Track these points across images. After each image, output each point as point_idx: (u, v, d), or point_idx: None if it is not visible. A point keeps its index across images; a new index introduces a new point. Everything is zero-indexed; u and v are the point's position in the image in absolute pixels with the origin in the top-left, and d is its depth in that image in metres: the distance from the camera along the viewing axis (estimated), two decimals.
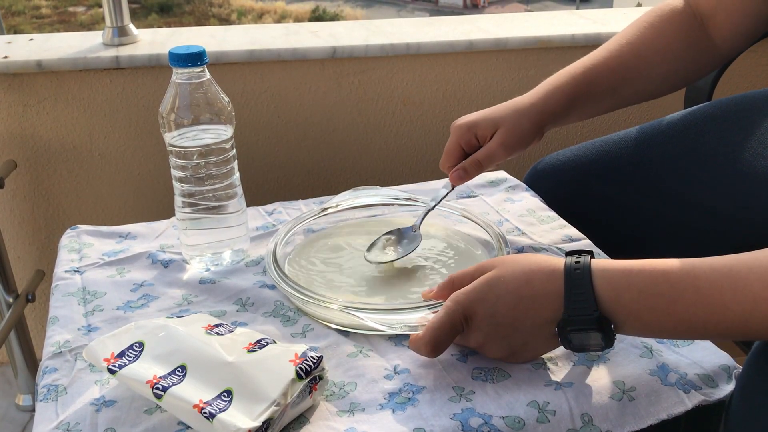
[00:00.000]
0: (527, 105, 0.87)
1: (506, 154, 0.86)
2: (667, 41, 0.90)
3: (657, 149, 0.96)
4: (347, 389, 0.66)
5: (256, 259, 0.88)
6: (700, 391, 0.65)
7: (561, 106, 0.88)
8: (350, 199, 0.95)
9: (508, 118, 0.86)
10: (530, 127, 0.86)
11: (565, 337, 0.62)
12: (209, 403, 0.59)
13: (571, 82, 0.89)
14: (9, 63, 1.25)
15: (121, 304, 0.80)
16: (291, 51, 1.33)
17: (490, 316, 0.64)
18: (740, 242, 0.87)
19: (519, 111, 0.87)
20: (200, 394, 0.60)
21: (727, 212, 0.88)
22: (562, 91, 0.88)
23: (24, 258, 1.41)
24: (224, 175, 0.85)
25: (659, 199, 0.94)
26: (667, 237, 0.94)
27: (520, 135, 0.86)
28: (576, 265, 0.62)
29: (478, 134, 0.87)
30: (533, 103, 0.87)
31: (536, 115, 0.87)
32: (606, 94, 0.91)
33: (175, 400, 0.60)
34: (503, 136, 0.85)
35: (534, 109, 0.87)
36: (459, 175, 0.87)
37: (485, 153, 0.86)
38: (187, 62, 0.80)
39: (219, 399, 0.60)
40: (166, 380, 0.62)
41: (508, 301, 0.63)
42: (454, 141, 0.88)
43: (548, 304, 0.62)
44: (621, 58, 0.90)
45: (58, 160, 1.34)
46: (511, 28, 1.46)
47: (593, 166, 0.99)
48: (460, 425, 0.61)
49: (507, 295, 0.63)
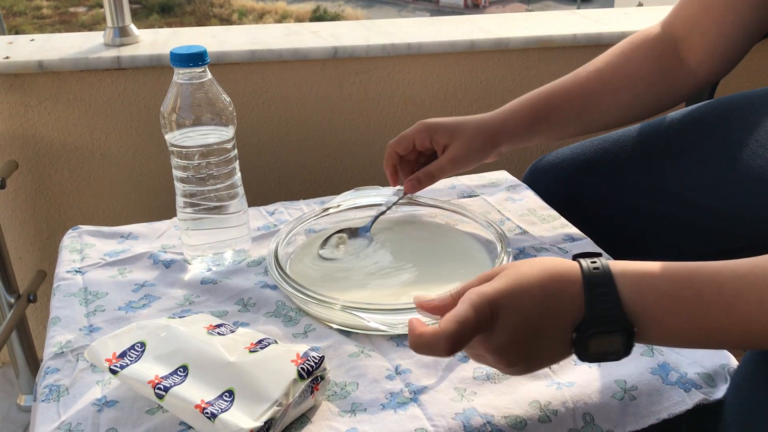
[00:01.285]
0: (485, 123, 0.90)
1: (455, 169, 0.89)
2: (636, 67, 0.90)
3: (657, 147, 0.96)
4: (349, 389, 0.66)
5: (257, 260, 0.88)
6: (701, 390, 0.65)
7: (519, 128, 0.90)
8: (351, 199, 0.95)
9: (465, 133, 0.89)
10: (482, 145, 0.89)
11: (584, 342, 0.57)
12: (211, 403, 0.59)
13: (531, 106, 0.91)
14: (10, 63, 1.25)
15: (122, 305, 0.80)
16: (292, 51, 1.33)
17: (518, 313, 0.58)
18: (739, 241, 0.88)
19: (477, 128, 0.89)
20: (202, 394, 0.60)
21: (725, 211, 0.88)
22: (521, 114, 0.90)
23: (25, 258, 1.41)
24: (226, 175, 0.85)
25: (658, 197, 0.94)
26: (666, 235, 0.94)
27: (471, 151, 0.89)
28: (594, 266, 0.58)
29: (434, 138, 0.89)
30: (491, 123, 0.90)
31: (492, 135, 0.89)
32: (569, 118, 0.92)
33: (177, 401, 0.60)
34: (454, 151, 0.88)
35: (491, 128, 0.89)
36: (413, 185, 0.89)
37: (436, 166, 0.89)
38: (189, 62, 0.80)
39: (221, 399, 0.60)
40: (167, 380, 0.62)
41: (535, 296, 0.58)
42: (411, 133, 0.89)
43: (570, 306, 0.57)
44: (586, 84, 0.91)
45: (60, 161, 1.34)
46: (512, 28, 1.46)
47: (593, 164, 0.99)
48: (462, 425, 0.61)
49: (534, 290, 0.58)
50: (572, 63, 1.44)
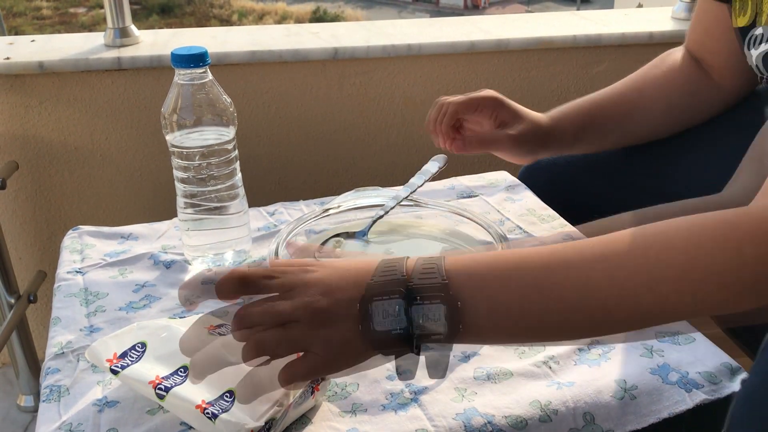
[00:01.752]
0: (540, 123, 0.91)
1: (508, 149, 0.89)
2: (668, 77, 0.94)
3: (654, 146, 0.97)
4: (349, 390, 0.67)
5: (257, 260, 0.88)
6: (702, 390, 0.65)
7: (565, 136, 0.92)
8: (352, 199, 0.95)
9: (526, 122, 0.89)
10: (535, 141, 0.90)
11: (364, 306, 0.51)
12: (212, 403, 0.59)
13: (576, 115, 0.93)
14: (11, 64, 1.25)
15: (123, 305, 0.80)
16: (292, 52, 1.33)
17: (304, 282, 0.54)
18: None
19: (534, 124, 0.90)
20: (203, 394, 0.60)
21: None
22: (568, 122, 0.92)
23: (26, 259, 1.41)
24: (226, 175, 0.85)
25: (654, 195, 0.94)
26: None
27: (528, 141, 0.90)
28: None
29: (499, 112, 0.89)
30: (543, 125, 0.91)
31: (543, 136, 0.91)
32: (610, 128, 0.94)
33: (178, 401, 0.60)
34: (517, 130, 0.88)
35: (542, 130, 0.91)
36: (458, 145, 0.89)
37: (492, 137, 0.89)
38: (190, 63, 0.80)
39: (221, 399, 0.60)
40: (168, 380, 0.62)
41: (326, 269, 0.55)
42: (479, 98, 0.89)
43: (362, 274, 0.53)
44: (625, 94, 0.94)
45: (60, 161, 1.34)
46: (512, 29, 1.46)
47: (590, 161, 1.00)
48: (462, 425, 0.61)
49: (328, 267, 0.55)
50: (572, 64, 1.45)
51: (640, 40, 1.44)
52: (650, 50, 1.44)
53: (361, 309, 0.52)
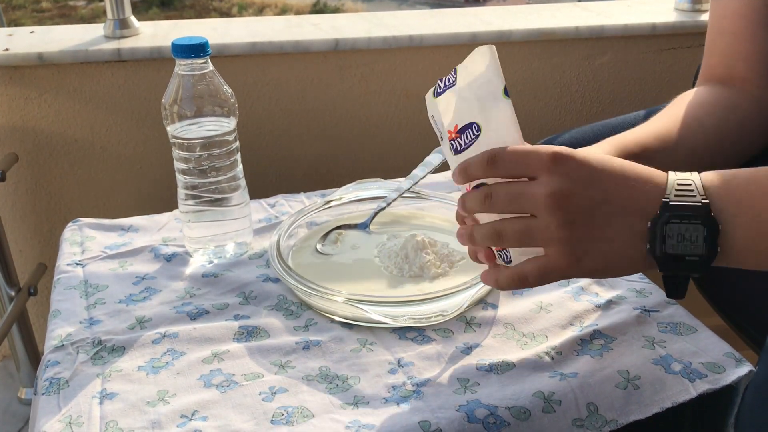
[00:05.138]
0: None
1: None
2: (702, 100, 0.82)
3: None
4: (351, 382, 0.66)
5: (259, 252, 0.88)
6: (705, 380, 0.65)
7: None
8: (353, 192, 0.95)
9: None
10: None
11: (660, 229, 0.50)
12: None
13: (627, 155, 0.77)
14: (10, 56, 1.25)
15: (123, 297, 0.80)
16: (293, 43, 1.32)
17: (589, 173, 0.52)
18: None
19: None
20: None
21: None
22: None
23: (26, 251, 1.40)
24: (227, 167, 0.85)
25: None
26: None
27: None
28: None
29: None
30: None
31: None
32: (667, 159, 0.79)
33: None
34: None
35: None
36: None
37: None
38: (191, 53, 0.79)
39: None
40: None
41: (615, 166, 0.52)
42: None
43: (649, 190, 0.52)
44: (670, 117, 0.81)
45: (60, 153, 1.34)
46: (514, 20, 1.45)
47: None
48: (465, 417, 0.61)
49: (614, 162, 0.53)
50: (575, 55, 1.44)
51: (642, 32, 1.43)
52: (653, 41, 1.44)
53: (652, 228, 0.51)
